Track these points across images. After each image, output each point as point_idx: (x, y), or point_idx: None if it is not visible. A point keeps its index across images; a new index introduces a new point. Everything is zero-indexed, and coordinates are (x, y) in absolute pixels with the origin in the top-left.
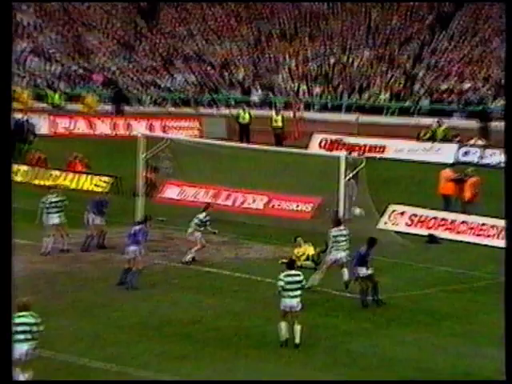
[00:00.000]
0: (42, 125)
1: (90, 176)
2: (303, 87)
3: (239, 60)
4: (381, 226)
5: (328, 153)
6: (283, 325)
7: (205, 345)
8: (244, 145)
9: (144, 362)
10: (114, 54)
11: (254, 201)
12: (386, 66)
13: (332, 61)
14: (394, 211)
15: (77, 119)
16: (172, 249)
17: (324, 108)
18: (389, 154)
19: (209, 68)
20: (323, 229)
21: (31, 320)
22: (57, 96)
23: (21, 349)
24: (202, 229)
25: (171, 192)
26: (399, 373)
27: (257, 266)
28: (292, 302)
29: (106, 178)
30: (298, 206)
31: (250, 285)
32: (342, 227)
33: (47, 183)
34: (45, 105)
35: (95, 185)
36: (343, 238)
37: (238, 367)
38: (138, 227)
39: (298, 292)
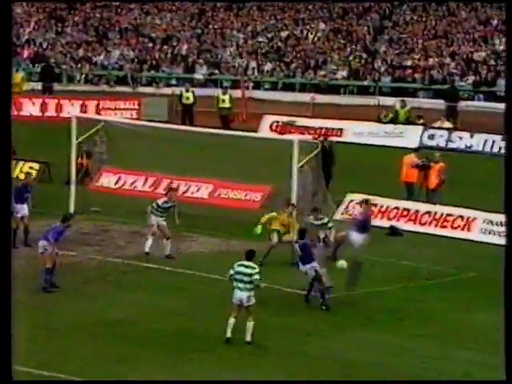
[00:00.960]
0: None
1: (16, 162)
2: (252, 64)
3: (181, 34)
4: (337, 217)
5: (280, 136)
6: (230, 321)
7: (143, 347)
8: (187, 127)
9: (77, 367)
10: (43, 26)
11: (198, 189)
12: (344, 41)
13: (284, 35)
14: (352, 201)
15: None
16: (107, 242)
17: (275, 87)
18: (347, 137)
19: (148, 42)
20: None
21: None
22: None
23: None
24: (165, 215)
25: (107, 180)
26: (359, 377)
27: (201, 261)
28: (241, 294)
29: (34, 165)
30: (246, 195)
31: (194, 281)
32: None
33: None
34: None
35: (23, 172)
36: None
37: (181, 372)
38: (56, 224)
39: (249, 286)
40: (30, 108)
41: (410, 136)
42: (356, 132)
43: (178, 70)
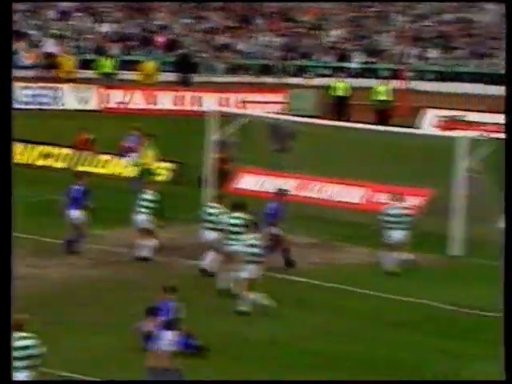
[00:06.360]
0: (90, 98)
1: None
2: (414, 51)
3: (333, 19)
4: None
5: (445, 133)
6: None
7: (295, 370)
8: (337, 123)
9: None
10: (179, 11)
11: (349, 193)
12: None
13: (450, 18)
14: None
15: (133, 91)
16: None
17: (441, 77)
18: None
19: (296, 28)
20: (437, 228)
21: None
22: (108, 63)
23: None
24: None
25: (247, 182)
26: None
27: (352, 274)
28: None
29: (167, 164)
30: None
31: (344, 297)
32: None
33: (92, 170)
34: (92, 73)
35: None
36: None
37: None
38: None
39: None
40: (165, 101)
41: None
42: None
43: (330, 58)
